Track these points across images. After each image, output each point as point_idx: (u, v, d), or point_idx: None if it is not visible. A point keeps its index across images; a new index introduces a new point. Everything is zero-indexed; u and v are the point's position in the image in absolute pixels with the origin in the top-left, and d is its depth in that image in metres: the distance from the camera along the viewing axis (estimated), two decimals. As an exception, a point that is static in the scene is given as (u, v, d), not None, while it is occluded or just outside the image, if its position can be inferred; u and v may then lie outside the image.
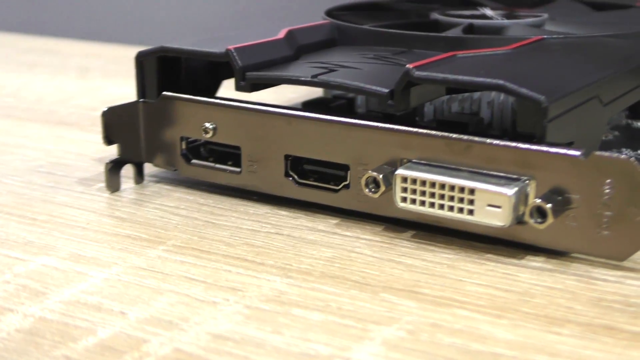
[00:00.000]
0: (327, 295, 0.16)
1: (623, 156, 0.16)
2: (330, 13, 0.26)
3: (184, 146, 0.22)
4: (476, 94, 0.22)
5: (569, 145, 0.17)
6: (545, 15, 0.26)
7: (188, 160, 0.22)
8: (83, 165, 0.24)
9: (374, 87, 0.19)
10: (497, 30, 0.24)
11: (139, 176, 0.22)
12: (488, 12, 0.27)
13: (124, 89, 0.34)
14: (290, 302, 0.15)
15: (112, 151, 0.22)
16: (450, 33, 0.24)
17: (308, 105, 0.23)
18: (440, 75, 0.18)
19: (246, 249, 0.18)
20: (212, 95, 0.22)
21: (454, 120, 0.21)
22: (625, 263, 0.17)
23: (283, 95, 0.29)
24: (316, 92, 0.30)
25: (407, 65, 0.18)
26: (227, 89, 0.23)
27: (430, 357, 0.13)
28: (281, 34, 0.22)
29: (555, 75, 0.19)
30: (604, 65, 0.20)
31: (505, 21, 0.25)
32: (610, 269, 0.17)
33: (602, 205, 0.16)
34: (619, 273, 0.16)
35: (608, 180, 0.16)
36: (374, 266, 0.17)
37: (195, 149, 0.22)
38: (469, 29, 0.24)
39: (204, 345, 0.14)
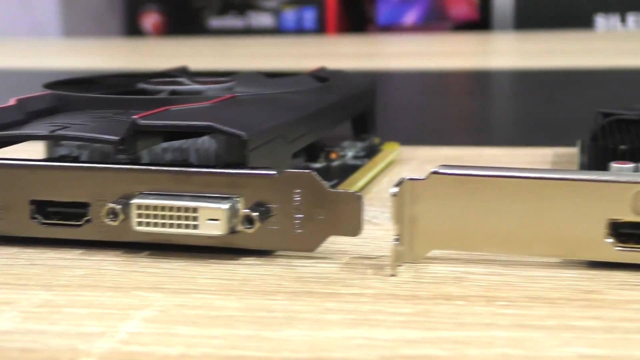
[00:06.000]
0: (87, 298, 0.19)
1: (306, 171, 0.21)
2: (48, 86, 0.30)
3: None
4: (185, 144, 0.27)
5: (268, 168, 0.22)
6: (234, 82, 0.31)
7: None
8: None
9: (106, 136, 0.23)
10: (196, 94, 0.29)
11: None
12: (185, 80, 0.32)
13: None
14: (58, 304, 0.19)
15: None
16: (159, 96, 0.28)
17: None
18: (161, 122, 0.22)
19: (7, 277, 0.21)
20: None
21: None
22: (315, 253, 0.22)
23: None
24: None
25: (133, 116, 0.22)
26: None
27: (180, 322, 0.18)
28: (12, 102, 0.26)
29: (251, 119, 0.24)
30: (286, 113, 0.26)
31: (202, 87, 0.30)
32: (305, 259, 0.22)
33: (295, 210, 0.22)
34: (312, 261, 0.22)
35: (297, 191, 0.21)
36: (122, 276, 0.21)
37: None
38: (173, 93, 0.29)
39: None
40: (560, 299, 0.19)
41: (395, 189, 0.21)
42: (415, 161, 0.34)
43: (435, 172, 0.21)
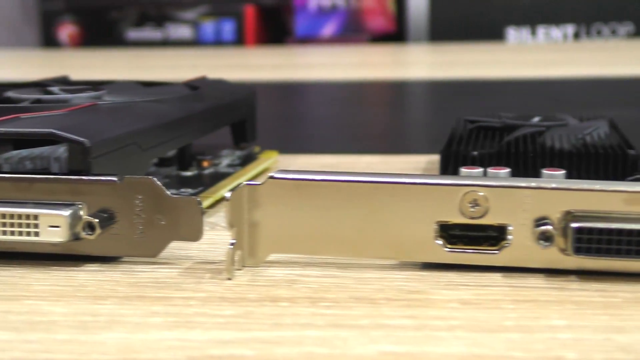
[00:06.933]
0: None
1: (147, 176, 0.21)
2: None
3: None
4: (45, 152, 0.27)
5: (110, 174, 0.22)
6: (104, 91, 0.31)
7: None
8: None
9: (-54, 144, 0.22)
10: (62, 102, 0.29)
11: None
12: (55, 89, 0.31)
13: None
14: None
15: None
16: (19, 104, 0.28)
17: None
18: (2, 130, 0.22)
19: None
20: None
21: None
22: (159, 259, 0.22)
23: None
24: None
25: (-25, 124, 0.22)
26: None
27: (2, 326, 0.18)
28: None
29: (100, 127, 0.24)
30: (141, 121, 0.26)
31: (69, 95, 0.30)
32: (148, 264, 0.22)
33: (137, 216, 0.22)
34: (154, 266, 0.22)
35: (139, 196, 0.22)
36: (-43, 284, 0.21)
37: None
38: (38, 101, 0.29)
39: None
40: (382, 299, 0.19)
41: (229, 194, 0.21)
42: (290, 169, 0.35)
43: (272, 177, 0.21)
